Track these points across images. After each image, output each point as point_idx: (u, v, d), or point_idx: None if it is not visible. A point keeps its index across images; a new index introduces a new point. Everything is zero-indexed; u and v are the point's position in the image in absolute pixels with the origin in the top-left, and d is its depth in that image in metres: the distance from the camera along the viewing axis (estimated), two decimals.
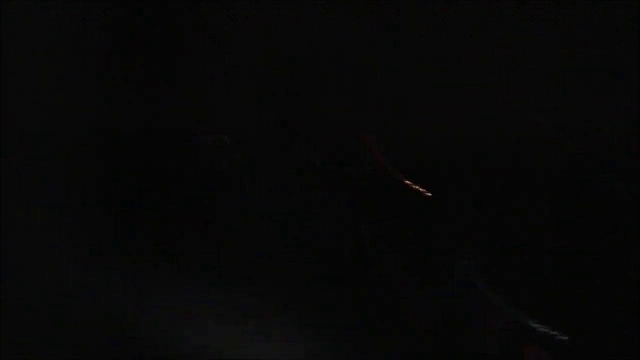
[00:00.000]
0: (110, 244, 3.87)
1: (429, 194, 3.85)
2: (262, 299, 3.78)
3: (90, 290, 3.79)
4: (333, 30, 4.06)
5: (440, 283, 3.80)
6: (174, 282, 3.83)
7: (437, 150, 3.99)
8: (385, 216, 3.93)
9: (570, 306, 3.70)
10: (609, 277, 3.71)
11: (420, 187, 3.88)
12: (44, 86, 3.98)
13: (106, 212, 3.93)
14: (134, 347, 3.69)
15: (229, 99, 4.08)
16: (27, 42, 3.98)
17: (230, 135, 3.97)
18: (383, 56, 4.06)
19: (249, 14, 4.09)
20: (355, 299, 3.78)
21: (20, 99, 3.95)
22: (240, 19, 4.09)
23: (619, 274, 3.71)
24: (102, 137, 4.02)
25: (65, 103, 4.00)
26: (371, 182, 3.98)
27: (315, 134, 4.04)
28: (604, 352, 3.56)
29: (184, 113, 4.07)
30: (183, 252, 3.88)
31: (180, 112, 4.07)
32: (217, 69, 4.09)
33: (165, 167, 4.02)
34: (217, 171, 4.02)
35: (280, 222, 3.92)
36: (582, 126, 3.92)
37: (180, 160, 4.03)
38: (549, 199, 3.89)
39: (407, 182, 3.89)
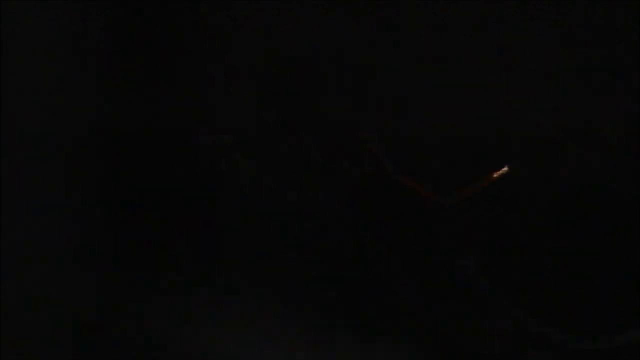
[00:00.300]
0: (110, 244, 3.87)
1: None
2: (261, 299, 3.77)
3: (90, 290, 3.79)
4: (333, 30, 4.06)
5: (441, 283, 3.79)
6: (173, 281, 3.83)
7: (437, 150, 3.98)
8: (385, 216, 3.93)
9: (570, 306, 3.70)
10: (609, 277, 3.71)
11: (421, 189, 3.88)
12: (44, 86, 3.98)
13: (106, 212, 3.93)
14: (134, 347, 3.69)
15: (229, 99, 4.08)
16: (27, 42, 3.98)
17: (230, 134, 3.97)
18: (383, 56, 4.05)
19: (249, 14, 4.09)
20: (356, 299, 3.78)
21: (20, 99, 3.95)
22: (240, 19, 4.09)
23: (619, 274, 3.71)
24: (102, 137, 4.02)
25: (65, 103, 4.00)
26: (371, 182, 3.98)
27: (315, 134, 4.04)
28: (605, 353, 3.56)
29: (184, 113, 4.07)
30: (183, 252, 3.88)
31: (180, 112, 4.07)
32: (217, 69, 4.09)
33: (166, 167, 4.01)
34: (217, 171, 4.02)
35: (280, 222, 3.92)
36: (582, 126, 3.92)
37: (181, 160, 4.03)
38: (549, 198, 3.89)
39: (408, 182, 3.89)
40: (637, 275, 3.69)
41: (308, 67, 4.07)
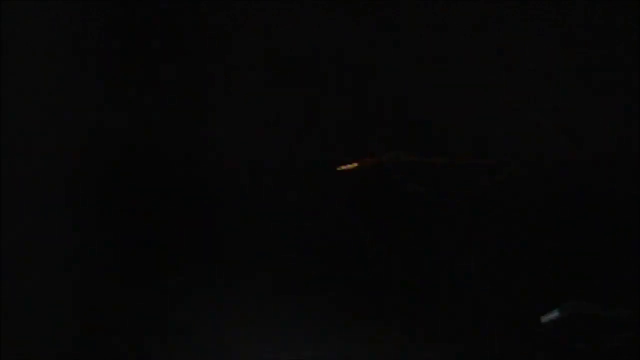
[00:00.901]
0: (110, 244, 3.87)
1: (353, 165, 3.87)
2: (261, 299, 3.77)
3: (90, 290, 3.79)
4: (333, 30, 4.06)
5: (441, 283, 3.79)
6: (174, 281, 3.83)
7: (437, 150, 3.98)
8: (385, 216, 3.93)
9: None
10: (609, 277, 3.71)
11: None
12: (44, 86, 3.98)
13: (106, 211, 3.93)
14: (134, 346, 3.69)
15: (229, 99, 4.08)
16: (27, 42, 3.98)
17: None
18: (383, 56, 4.05)
19: (249, 14, 4.09)
20: (356, 298, 3.77)
21: (20, 99, 3.95)
22: (240, 19, 4.09)
23: (619, 274, 3.71)
24: (102, 137, 4.02)
25: (65, 103, 4.00)
26: (371, 182, 3.98)
27: (315, 134, 4.04)
28: (606, 352, 3.56)
29: (184, 113, 4.07)
30: (183, 252, 3.88)
31: (180, 112, 4.07)
32: (217, 69, 4.09)
33: (166, 167, 4.01)
34: (217, 171, 4.02)
35: (280, 222, 3.92)
36: (582, 126, 3.92)
37: (181, 160, 4.03)
38: (549, 198, 3.89)
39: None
40: (637, 275, 3.69)
41: (308, 67, 4.07)
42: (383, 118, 4.03)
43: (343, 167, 3.83)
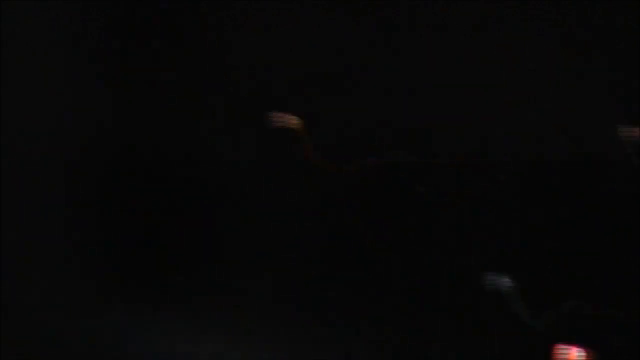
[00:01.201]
0: (110, 245, 3.87)
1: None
2: (261, 298, 3.78)
3: (90, 291, 3.80)
4: (333, 30, 4.06)
5: (441, 283, 3.80)
6: (173, 282, 3.83)
7: (437, 150, 3.99)
8: (385, 216, 3.93)
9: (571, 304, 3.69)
10: (609, 277, 3.71)
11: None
12: (44, 86, 3.98)
13: (106, 212, 3.93)
14: (133, 346, 3.70)
15: (228, 99, 4.08)
16: (27, 42, 3.98)
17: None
18: (383, 56, 4.06)
19: (249, 14, 4.09)
20: (356, 298, 3.78)
21: (20, 99, 3.95)
22: (241, 19, 4.09)
23: (619, 274, 3.71)
24: (102, 137, 4.02)
25: (65, 103, 4.00)
26: (371, 182, 3.98)
27: (315, 134, 4.04)
28: (606, 352, 3.56)
29: (183, 112, 4.08)
30: (183, 253, 3.89)
31: (180, 112, 4.07)
32: (217, 68, 4.09)
33: (166, 167, 4.02)
34: (217, 171, 4.02)
35: (280, 222, 3.92)
36: (582, 126, 3.92)
37: (181, 160, 4.03)
38: (549, 198, 3.89)
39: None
40: (637, 275, 3.69)
41: (308, 66, 4.07)
42: (383, 118, 4.03)
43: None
